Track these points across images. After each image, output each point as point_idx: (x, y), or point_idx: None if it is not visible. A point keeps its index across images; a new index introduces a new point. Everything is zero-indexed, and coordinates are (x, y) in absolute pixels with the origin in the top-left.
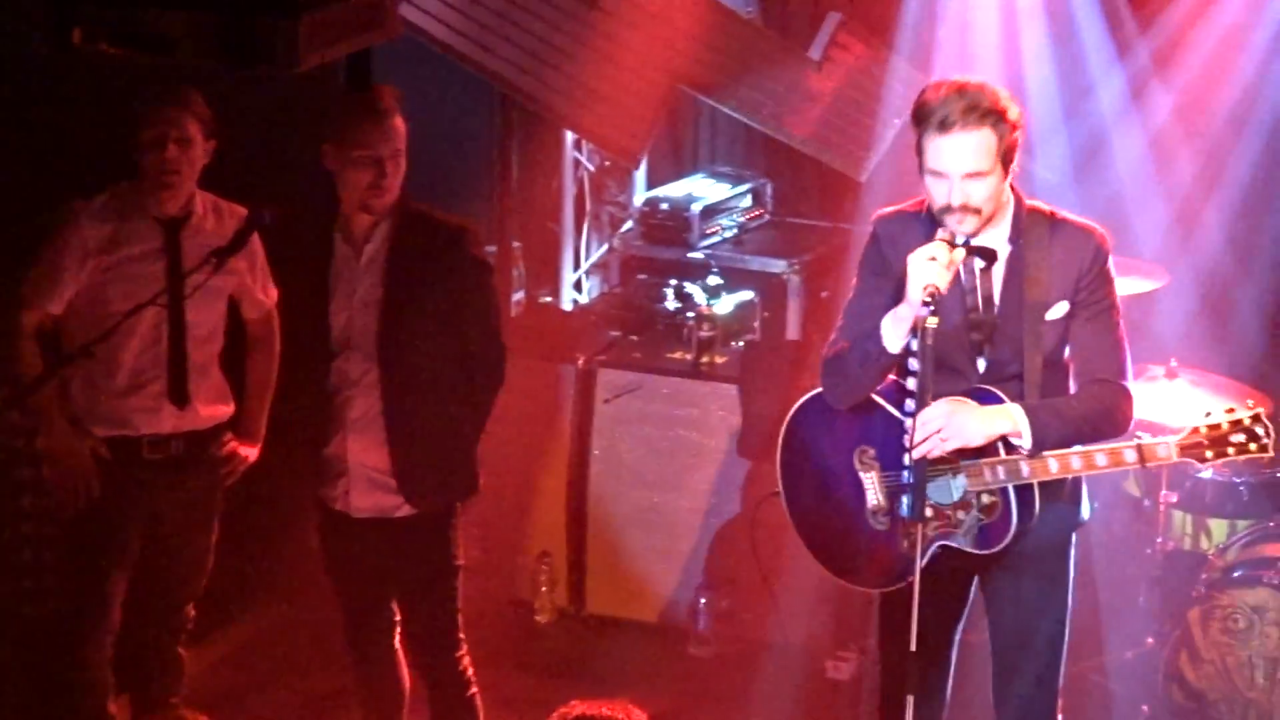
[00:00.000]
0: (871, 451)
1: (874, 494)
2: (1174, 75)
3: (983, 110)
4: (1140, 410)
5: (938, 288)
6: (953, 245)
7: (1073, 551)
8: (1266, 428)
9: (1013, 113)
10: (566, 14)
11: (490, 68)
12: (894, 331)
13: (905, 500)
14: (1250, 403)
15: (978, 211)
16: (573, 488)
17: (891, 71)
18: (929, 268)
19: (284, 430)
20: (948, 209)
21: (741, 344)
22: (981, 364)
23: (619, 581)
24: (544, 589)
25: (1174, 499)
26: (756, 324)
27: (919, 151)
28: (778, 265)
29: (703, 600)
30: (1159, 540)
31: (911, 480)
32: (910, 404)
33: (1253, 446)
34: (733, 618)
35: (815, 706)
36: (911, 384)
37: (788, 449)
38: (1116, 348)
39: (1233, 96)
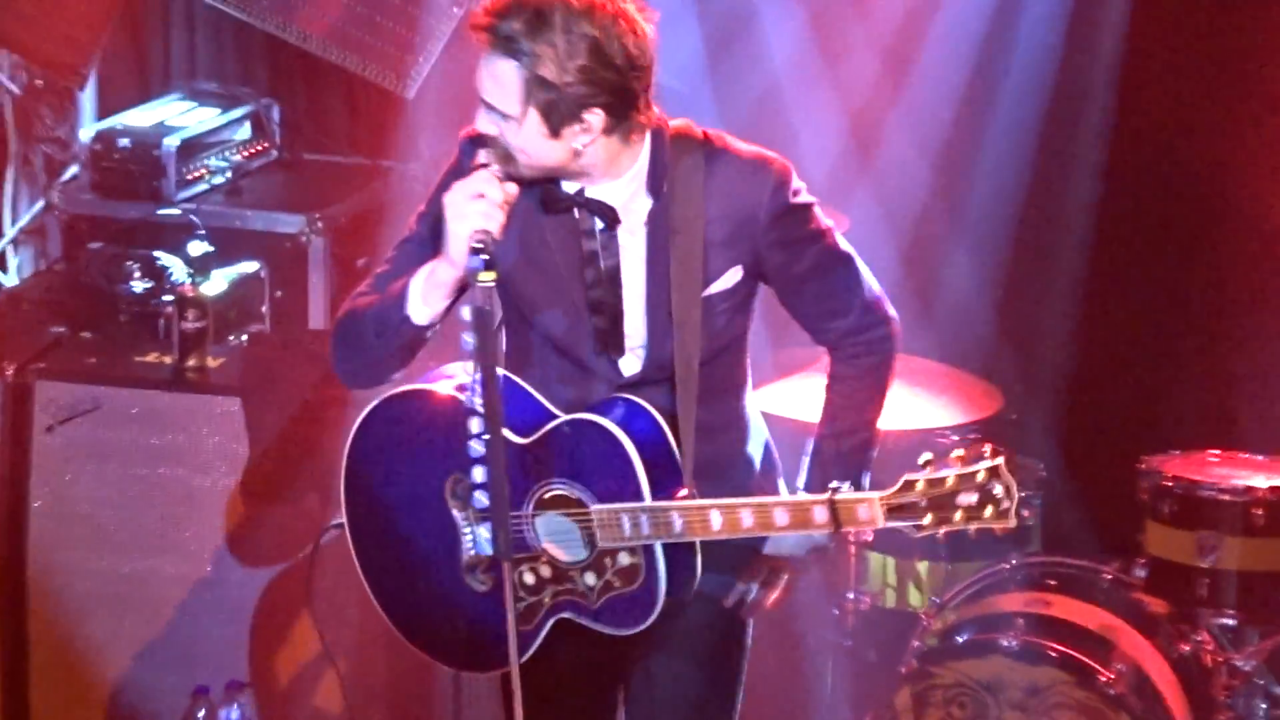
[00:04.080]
0: (467, 482)
1: (471, 541)
2: None
3: (521, 41)
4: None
5: (489, 234)
6: (504, 178)
7: (749, 625)
8: (1008, 487)
9: (572, 61)
10: None
11: None
12: (425, 296)
13: (484, 532)
14: (987, 450)
15: (509, 158)
16: (2, 554)
17: None
18: (473, 208)
19: None
20: (481, 139)
21: (244, 338)
22: (622, 361)
23: (79, 689)
24: None
25: (868, 536)
26: (265, 309)
27: None
28: (292, 222)
29: (202, 712)
30: (850, 596)
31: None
32: (477, 401)
33: (987, 513)
34: None
35: None
36: (472, 370)
37: (353, 471)
38: (852, 290)
39: None
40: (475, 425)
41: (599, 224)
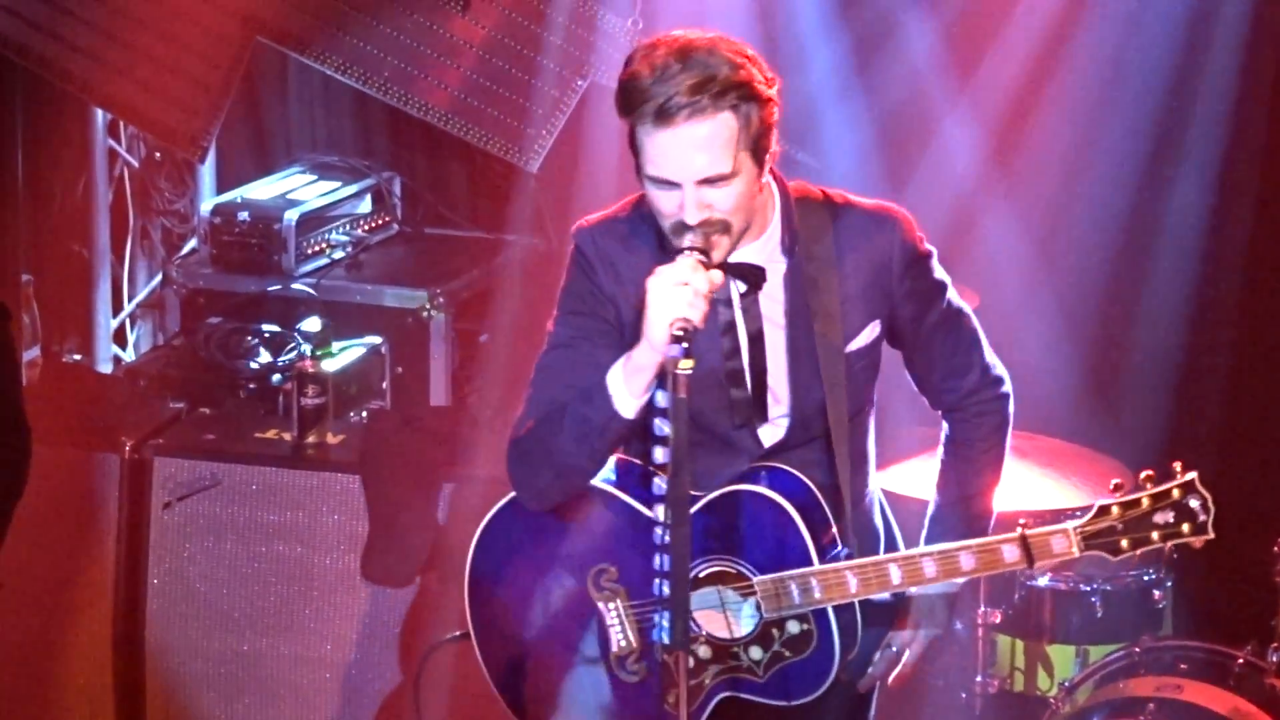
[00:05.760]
0: (614, 571)
1: (621, 632)
2: None
3: (720, 86)
4: None
5: (691, 322)
6: (709, 264)
7: (874, 699)
8: (1205, 500)
9: (764, 82)
10: None
11: None
12: (628, 388)
13: (661, 624)
14: (1177, 467)
15: (726, 228)
16: (121, 632)
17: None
18: (677, 296)
19: None
20: (682, 228)
21: (365, 415)
22: (763, 430)
23: None
24: None
25: (996, 619)
26: (385, 384)
27: (633, 148)
28: (413, 298)
29: None
30: (979, 679)
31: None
32: (661, 484)
33: (1186, 528)
34: None
35: None
36: (662, 456)
37: (480, 574)
38: (974, 347)
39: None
40: (661, 513)
41: (737, 291)
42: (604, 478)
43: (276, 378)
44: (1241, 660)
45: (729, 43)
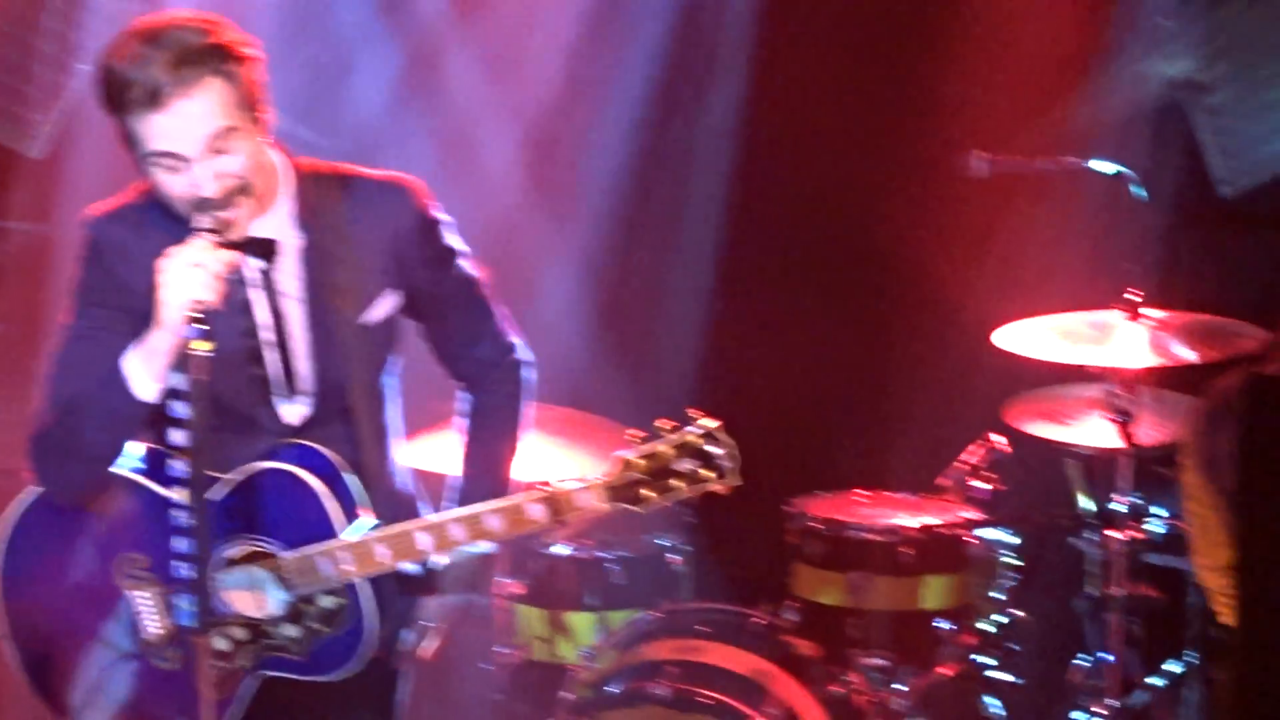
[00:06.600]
0: (142, 559)
1: (153, 620)
2: None
3: (194, 54)
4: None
5: (206, 303)
6: (223, 243)
7: (408, 671)
8: (730, 448)
9: (238, 42)
10: None
11: None
12: (146, 371)
13: (188, 608)
14: (697, 415)
15: (247, 189)
16: None
17: None
18: (190, 278)
19: None
20: (201, 204)
21: None
22: (285, 408)
23: None
24: None
25: (516, 589)
26: None
27: (127, 141)
28: None
29: None
30: (500, 650)
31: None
32: (182, 467)
33: (711, 475)
34: None
35: None
36: (182, 438)
37: (11, 576)
38: (489, 316)
39: None
40: (180, 495)
41: (253, 268)
42: (130, 465)
43: None
44: (759, 620)
45: (192, 14)
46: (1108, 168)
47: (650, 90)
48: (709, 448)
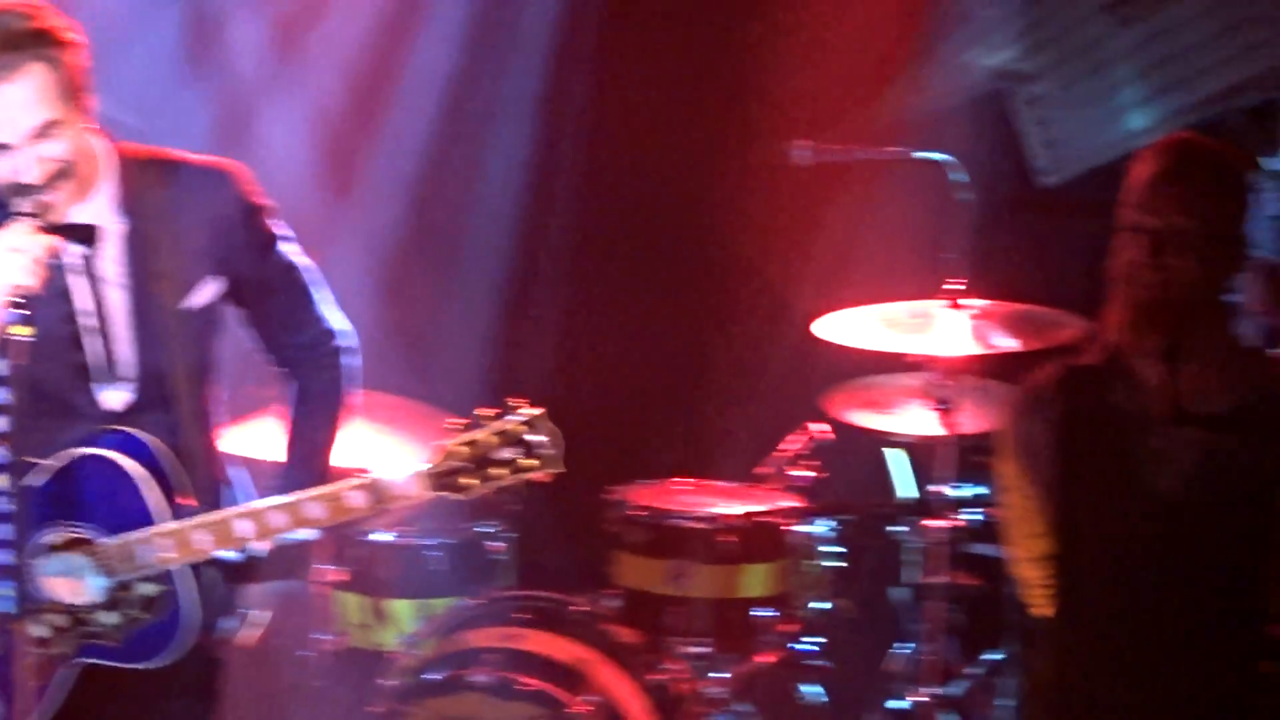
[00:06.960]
0: None
1: None
2: None
3: (16, 39)
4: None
5: (25, 288)
6: (43, 228)
7: (226, 659)
8: (552, 434)
9: (61, 28)
10: None
11: None
12: None
13: (5, 594)
14: (519, 404)
15: (70, 173)
16: None
17: None
18: (8, 263)
19: None
20: (21, 190)
21: None
22: (106, 394)
23: None
24: None
25: (337, 576)
26: None
27: None
28: None
29: None
30: (321, 636)
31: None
32: (2, 453)
33: (535, 463)
34: None
35: None
36: (3, 424)
37: None
38: (312, 302)
39: None
40: (2, 482)
41: (74, 253)
42: None
43: None
44: (581, 607)
45: (11, 1)
46: (930, 157)
47: (449, 66)
48: (530, 436)
